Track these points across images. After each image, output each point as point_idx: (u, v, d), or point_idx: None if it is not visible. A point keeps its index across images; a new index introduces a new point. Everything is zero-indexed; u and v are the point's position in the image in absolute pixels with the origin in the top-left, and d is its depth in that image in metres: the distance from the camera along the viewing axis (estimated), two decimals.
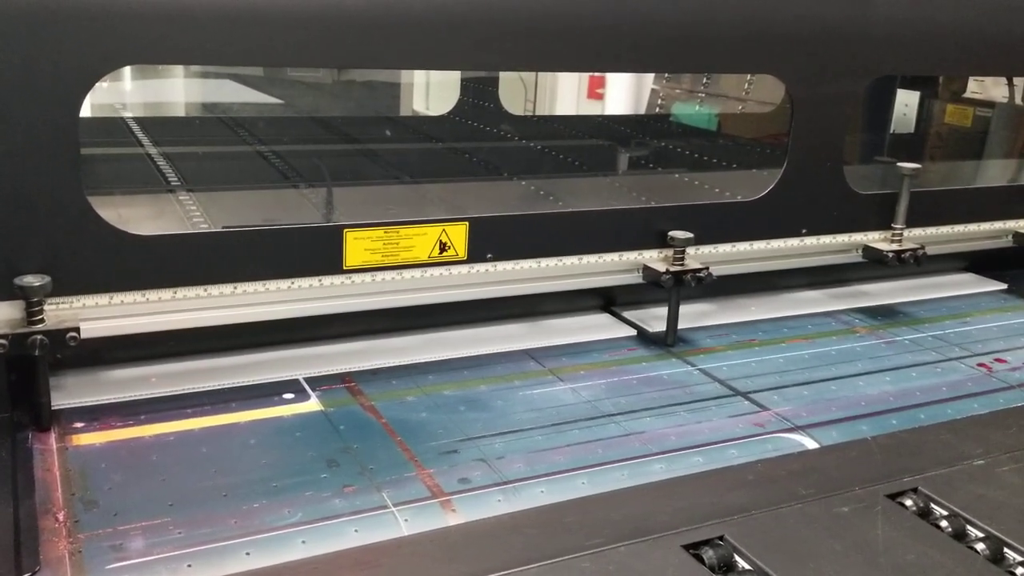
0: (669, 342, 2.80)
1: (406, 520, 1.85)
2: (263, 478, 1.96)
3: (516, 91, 8.62)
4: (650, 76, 6.81)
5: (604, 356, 2.70)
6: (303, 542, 1.76)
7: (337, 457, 2.05)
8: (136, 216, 3.26)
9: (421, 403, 2.34)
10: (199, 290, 2.27)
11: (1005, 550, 1.78)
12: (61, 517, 1.77)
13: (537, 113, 8.56)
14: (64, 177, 2.07)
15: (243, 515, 1.82)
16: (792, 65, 2.89)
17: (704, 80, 6.16)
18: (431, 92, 8.20)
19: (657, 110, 6.50)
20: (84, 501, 1.83)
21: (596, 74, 8.45)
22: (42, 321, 2.06)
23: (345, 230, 2.42)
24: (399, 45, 2.38)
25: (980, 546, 1.79)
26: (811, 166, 3.00)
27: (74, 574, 1.62)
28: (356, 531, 1.81)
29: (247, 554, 1.72)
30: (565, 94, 9.24)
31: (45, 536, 1.71)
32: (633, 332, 2.86)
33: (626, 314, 2.96)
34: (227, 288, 2.30)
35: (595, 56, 2.67)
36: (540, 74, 8.95)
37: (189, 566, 1.68)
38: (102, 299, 2.18)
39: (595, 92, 8.77)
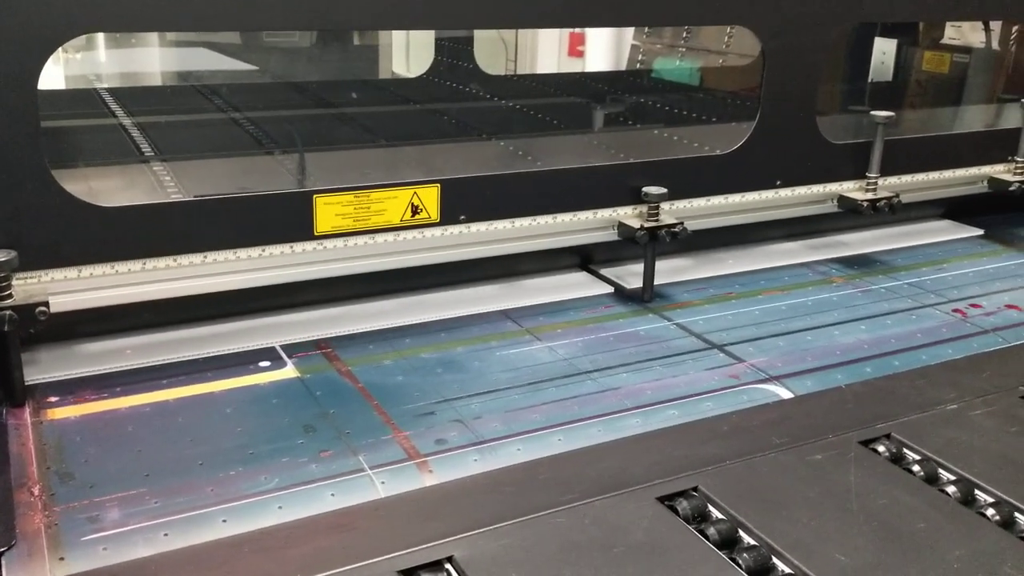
0: (646, 298, 2.80)
1: (383, 483, 1.86)
2: (239, 446, 1.96)
3: (497, 51, 8.55)
4: (630, 32, 6.75)
5: (581, 314, 2.70)
6: (280, 507, 1.77)
7: (314, 423, 2.05)
8: (109, 188, 3.23)
9: (398, 367, 2.34)
10: (168, 260, 2.26)
11: (976, 492, 1.80)
12: (36, 491, 1.77)
13: (518, 72, 8.49)
14: (25, 150, 2.04)
15: (219, 483, 1.83)
16: (762, 15, 2.86)
17: (684, 34, 6.10)
18: (411, 54, 8.12)
19: (638, 66, 6.44)
20: (60, 474, 1.83)
21: (575, 31, 8.37)
22: (10, 296, 2.05)
23: (315, 196, 2.40)
24: (370, 5, 2.35)
25: (951, 489, 1.81)
26: (784, 117, 2.99)
27: (50, 547, 1.62)
28: (332, 495, 1.81)
29: (223, 521, 1.72)
30: (546, 53, 9.17)
31: (20, 510, 1.71)
32: (610, 289, 2.87)
33: (603, 271, 2.96)
34: (197, 258, 2.29)
35: (568, 11, 2.65)
36: (520, 34, 8.87)
37: (166, 535, 1.68)
38: (71, 272, 2.17)
39: (576, 50, 8.70)
